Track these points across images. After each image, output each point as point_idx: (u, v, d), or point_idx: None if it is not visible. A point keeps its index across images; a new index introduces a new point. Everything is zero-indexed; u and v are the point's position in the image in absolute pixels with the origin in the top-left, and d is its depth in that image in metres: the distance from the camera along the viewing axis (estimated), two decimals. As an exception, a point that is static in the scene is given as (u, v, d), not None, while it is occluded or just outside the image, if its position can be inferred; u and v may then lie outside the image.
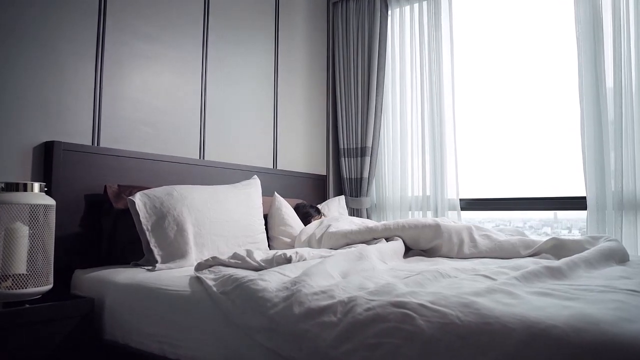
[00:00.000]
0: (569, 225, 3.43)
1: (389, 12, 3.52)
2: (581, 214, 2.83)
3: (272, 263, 1.65)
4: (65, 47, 2.05)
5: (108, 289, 1.77)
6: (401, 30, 3.46)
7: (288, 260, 1.65)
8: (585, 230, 2.76)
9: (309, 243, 2.35)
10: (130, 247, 2.02)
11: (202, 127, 2.65)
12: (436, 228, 2.12)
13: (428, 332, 1.02)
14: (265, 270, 1.51)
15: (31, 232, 1.65)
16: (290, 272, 1.51)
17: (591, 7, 2.71)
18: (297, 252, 1.69)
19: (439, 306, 1.07)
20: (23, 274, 1.61)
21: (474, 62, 3.26)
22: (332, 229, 2.30)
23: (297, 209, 2.74)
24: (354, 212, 3.45)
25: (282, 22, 3.26)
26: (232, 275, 1.48)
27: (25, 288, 1.61)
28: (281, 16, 3.25)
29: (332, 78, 3.67)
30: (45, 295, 1.69)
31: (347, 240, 2.23)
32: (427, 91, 3.29)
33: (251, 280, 1.39)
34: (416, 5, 3.38)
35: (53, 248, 1.72)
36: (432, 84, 3.26)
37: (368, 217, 3.46)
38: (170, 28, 2.51)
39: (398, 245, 2.05)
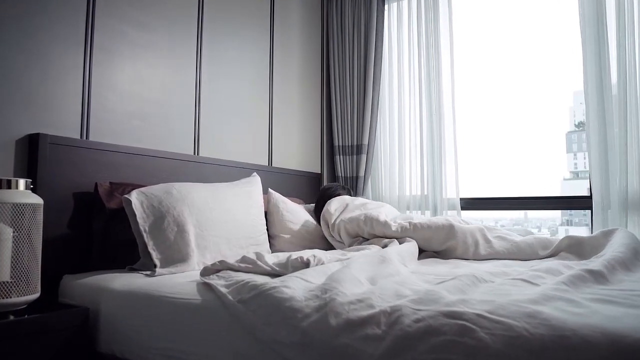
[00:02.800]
0: (539, 224, 3.43)
1: (386, 6, 3.42)
2: (551, 214, 2.81)
3: (287, 267, 1.51)
4: (51, 30, 1.86)
5: (102, 296, 1.59)
6: (399, 24, 3.37)
7: (306, 265, 1.51)
8: (555, 229, 2.74)
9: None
10: (124, 250, 1.85)
11: (197, 121, 2.48)
12: (450, 229, 2.03)
13: (493, 346, 0.91)
14: (286, 276, 1.38)
15: (15, 234, 1.47)
16: (312, 277, 1.38)
17: (595, 3, 2.66)
18: (314, 255, 1.56)
19: (500, 316, 0.96)
20: (7, 282, 1.43)
21: (474, 57, 3.20)
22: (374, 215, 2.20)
23: (325, 192, 2.62)
24: (349, 211, 3.33)
25: (277, 15, 3.11)
26: (248, 282, 1.34)
27: (9, 297, 1.43)
28: (276, 9, 3.11)
29: (327, 73, 3.54)
30: (32, 305, 1.51)
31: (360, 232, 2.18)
32: (425, 87, 3.20)
33: (274, 287, 1.25)
34: (414, -1, 3.29)
35: (40, 252, 1.54)
36: (431, 80, 3.18)
37: (364, 217, 3.35)
38: (163, 16, 2.33)
39: (414, 247, 1.94)
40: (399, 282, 1.30)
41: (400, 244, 2.01)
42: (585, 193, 2.83)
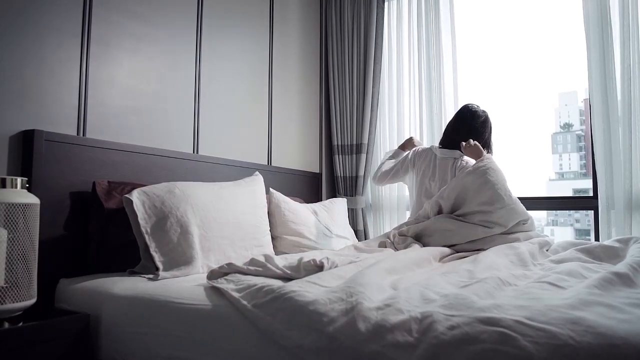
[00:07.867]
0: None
1: (386, 3, 3.37)
2: (537, 214, 2.82)
3: (299, 270, 1.44)
4: (46, 21, 1.77)
5: (103, 302, 1.51)
6: (398, 22, 3.32)
7: (319, 268, 1.44)
8: (540, 229, 2.74)
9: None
10: (124, 253, 1.76)
11: (196, 119, 2.40)
12: None
13: (538, 355, 0.86)
14: (301, 281, 1.31)
15: (10, 236, 1.38)
16: (327, 282, 1.31)
17: (599, 3, 2.64)
18: (327, 258, 1.49)
19: (541, 323, 0.91)
20: (1, 287, 1.34)
21: (477, 54, 3.17)
22: None
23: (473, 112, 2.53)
24: (348, 212, 3.27)
25: (276, 12, 3.03)
26: (263, 286, 1.27)
27: (4, 303, 1.35)
28: (275, 7, 3.03)
29: (326, 72, 3.48)
30: (28, 311, 1.42)
31: None
32: (425, 85, 3.15)
33: (294, 291, 1.18)
34: (415, -5, 3.24)
35: (37, 255, 1.45)
36: (431, 78, 3.13)
37: (363, 218, 3.29)
38: (163, 10, 2.24)
39: (429, 252, 1.87)
40: (423, 285, 1.24)
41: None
42: (570, 194, 2.82)
